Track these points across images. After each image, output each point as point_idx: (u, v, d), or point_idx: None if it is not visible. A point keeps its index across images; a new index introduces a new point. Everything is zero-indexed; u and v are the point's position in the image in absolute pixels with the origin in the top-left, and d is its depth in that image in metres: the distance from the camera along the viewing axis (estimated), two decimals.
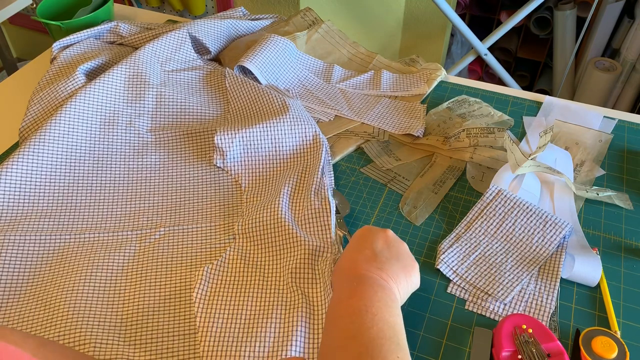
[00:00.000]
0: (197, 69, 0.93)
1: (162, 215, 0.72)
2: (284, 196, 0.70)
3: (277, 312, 0.60)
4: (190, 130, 0.82)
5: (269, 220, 0.67)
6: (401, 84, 0.95)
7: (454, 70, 1.74)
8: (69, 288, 0.62)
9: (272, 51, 0.93)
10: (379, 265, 0.55)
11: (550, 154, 0.78)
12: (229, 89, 0.88)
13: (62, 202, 0.73)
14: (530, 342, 0.54)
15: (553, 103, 0.90)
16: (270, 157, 0.78)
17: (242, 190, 0.75)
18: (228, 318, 0.60)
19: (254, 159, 0.78)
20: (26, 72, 1.04)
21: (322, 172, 0.74)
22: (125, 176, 0.77)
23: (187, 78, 0.91)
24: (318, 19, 1.09)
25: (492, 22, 2.06)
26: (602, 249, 0.68)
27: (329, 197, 0.70)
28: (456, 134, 0.82)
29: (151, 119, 0.84)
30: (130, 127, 0.81)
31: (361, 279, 0.53)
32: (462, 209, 0.74)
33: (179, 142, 0.82)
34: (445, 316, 0.62)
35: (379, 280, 0.53)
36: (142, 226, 0.71)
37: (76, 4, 1.11)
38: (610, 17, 1.80)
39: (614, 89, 1.87)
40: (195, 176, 0.78)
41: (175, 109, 0.85)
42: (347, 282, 0.53)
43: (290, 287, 0.62)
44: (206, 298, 0.61)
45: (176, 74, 0.91)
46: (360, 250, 0.58)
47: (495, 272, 0.65)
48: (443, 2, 1.56)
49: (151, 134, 0.82)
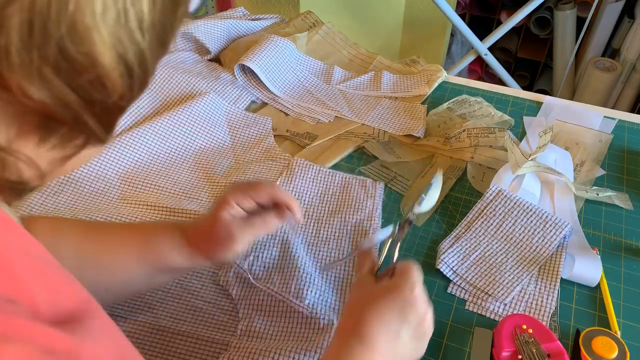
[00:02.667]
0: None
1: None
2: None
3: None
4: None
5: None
6: (402, 85, 0.95)
7: (454, 70, 1.74)
8: None
9: (272, 51, 0.93)
10: (395, 348, 0.46)
11: (550, 154, 0.78)
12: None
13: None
14: (530, 342, 0.54)
15: (553, 103, 0.90)
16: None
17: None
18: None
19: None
20: None
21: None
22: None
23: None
24: (319, 20, 1.09)
25: (492, 22, 2.06)
26: (602, 249, 0.68)
27: None
28: (457, 134, 0.82)
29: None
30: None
31: (367, 349, 0.45)
32: (462, 209, 0.74)
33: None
34: (445, 316, 0.62)
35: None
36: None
37: None
38: (610, 17, 1.80)
39: (614, 89, 1.87)
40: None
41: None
42: (353, 342, 0.45)
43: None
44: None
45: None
46: (388, 320, 0.46)
47: (495, 272, 0.65)
48: (443, 2, 1.56)
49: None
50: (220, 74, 0.94)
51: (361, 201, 0.74)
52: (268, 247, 0.68)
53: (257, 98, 0.94)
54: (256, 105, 0.94)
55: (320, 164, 0.80)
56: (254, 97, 0.94)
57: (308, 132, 0.87)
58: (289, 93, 0.94)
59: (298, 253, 0.66)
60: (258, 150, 0.83)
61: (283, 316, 0.61)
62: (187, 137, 0.83)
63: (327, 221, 0.72)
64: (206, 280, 0.65)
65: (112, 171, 0.77)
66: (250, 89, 0.94)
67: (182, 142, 0.83)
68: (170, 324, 0.60)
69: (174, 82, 0.89)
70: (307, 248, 0.69)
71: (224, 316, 0.62)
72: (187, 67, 0.95)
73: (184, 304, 0.62)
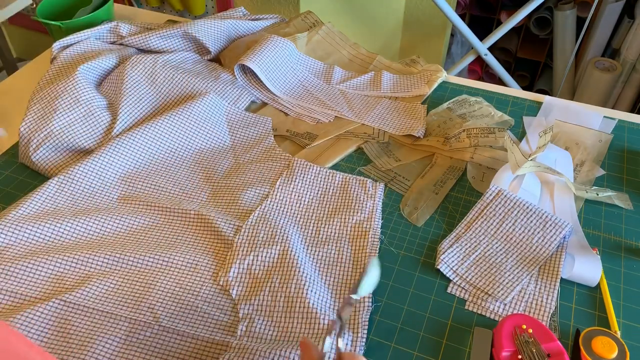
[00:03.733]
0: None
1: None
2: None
3: None
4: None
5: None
6: (401, 85, 0.95)
7: (454, 70, 1.74)
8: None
9: (272, 51, 0.93)
10: None
11: (550, 154, 0.78)
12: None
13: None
14: (530, 342, 0.54)
15: (553, 103, 0.90)
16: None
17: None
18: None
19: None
20: (26, 72, 1.04)
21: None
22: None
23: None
24: (319, 21, 1.09)
25: (492, 22, 2.06)
26: (602, 249, 0.68)
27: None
28: (456, 134, 0.82)
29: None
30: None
31: None
32: (462, 209, 0.74)
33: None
34: (445, 316, 0.62)
35: None
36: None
37: (76, 4, 1.11)
38: (610, 17, 1.80)
39: (614, 89, 1.87)
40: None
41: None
42: None
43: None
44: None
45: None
46: None
47: (495, 272, 0.65)
48: (443, 2, 1.56)
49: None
50: (220, 74, 0.94)
51: (361, 202, 0.74)
52: (268, 246, 0.68)
53: (257, 98, 0.94)
54: (256, 105, 0.94)
55: (320, 164, 0.80)
56: (254, 97, 0.94)
57: (308, 132, 0.87)
58: (289, 93, 0.94)
59: (298, 253, 0.67)
60: (258, 150, 0.84)
61: (283, 317, 0.61)
62: (186, 137, 0.83)
63: (326, 221, 0.72)
64: (206, 280, 0.65)
65: (111, 171, 0.77)
66: (250, 89, 0.94)
67: (182, 142, 0.83)
68: (170, 324, 0.60)
69: (174, 82, 0.89)
70: (306, 249, 0.69)
71: (224, 316, 0.62)
72: (187, 67, 0.95)
73: (184, 304, 0.62)
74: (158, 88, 0.88)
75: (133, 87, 0.87)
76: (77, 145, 0.81)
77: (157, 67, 0.89)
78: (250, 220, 0.71)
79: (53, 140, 0.80)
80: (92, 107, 0.83)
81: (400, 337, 0.60)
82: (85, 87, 0.84)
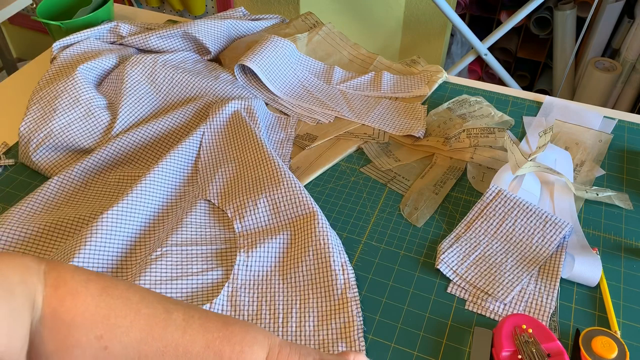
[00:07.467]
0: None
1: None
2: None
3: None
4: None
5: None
6: (402, 85, 0.95)
7: (454, 70, 1.74)
8: None
9: (272, 52, 0.93)
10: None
11: (550, 154, 0.78)
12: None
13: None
14: (530, 342, 0.54)
15: (553, 103, 0.90)
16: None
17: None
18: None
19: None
20: (26, 72, 1.04)
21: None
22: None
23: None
24: (319, 21, 1.09)
25: (492, 22, 2.06)
26: (602, 249, 0.68)
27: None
28: (456, 134, 0.82)
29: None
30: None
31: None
32: (462, 209, 0.74)
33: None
34: (445, 316, 0.62)
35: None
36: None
37: (76, 4, 1.11)
38: (610, 17, 1.80)
39: (614, 89, 1.87)
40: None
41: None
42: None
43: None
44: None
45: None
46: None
47: (495, 272, 0.65)
48: (443, 2, 1.56)
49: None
50: (220, 74, 0.94)
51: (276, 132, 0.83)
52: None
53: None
54: None
55: (320, 164, 0.81)
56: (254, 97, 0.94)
57: (308, 133, 0.87)
58: (289, 93, 0.94)
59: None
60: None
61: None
62: (188, 137, 0.83)
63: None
64: (206, 281, 0.65)
65: (111, 171, 0.77)
66: (250, 89, 0.94)
67: (183, 141, 0.82)
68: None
69: (174, 81, 0.89)
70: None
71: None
72: (187, 67, 0.94)
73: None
74: (158, 88, 0.89)
75: (133, 86, 0.87)
76: (77, 144, 0.81)
77: (157, 67, 0.89)
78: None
79: (53, 139, 0.80)
80: (92, 107, 0.83)
81: (400, 337, 0.60)
82: (85, 87, 0.84)
